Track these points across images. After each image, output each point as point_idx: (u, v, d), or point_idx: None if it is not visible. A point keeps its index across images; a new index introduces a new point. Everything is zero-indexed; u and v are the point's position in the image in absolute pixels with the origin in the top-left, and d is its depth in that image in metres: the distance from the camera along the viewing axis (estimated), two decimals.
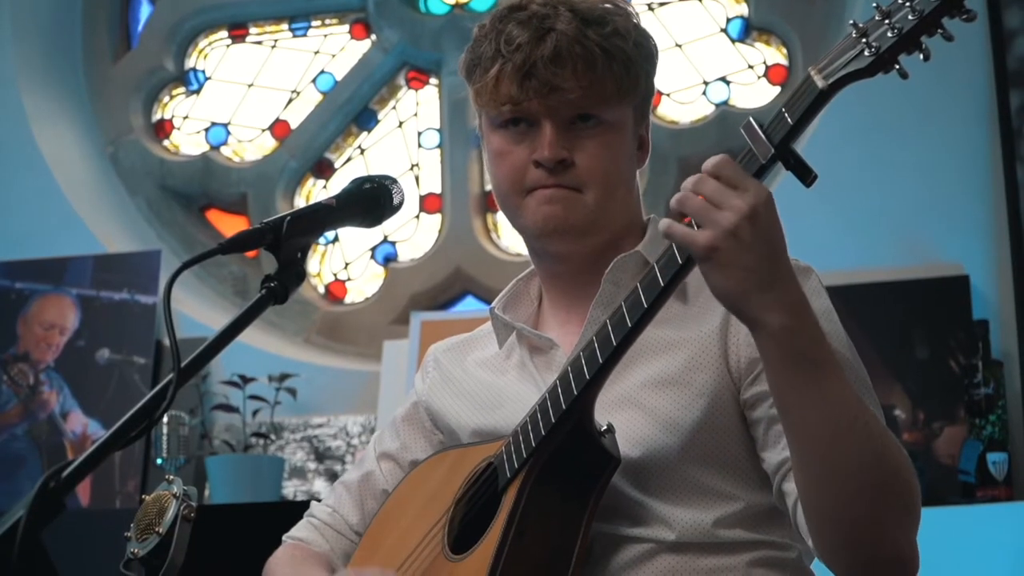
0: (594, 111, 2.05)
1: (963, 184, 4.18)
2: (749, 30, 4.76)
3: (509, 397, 2.09)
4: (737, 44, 4.77)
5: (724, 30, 4.78)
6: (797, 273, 1.95)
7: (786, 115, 1.71)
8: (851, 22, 1.71)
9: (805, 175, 1.73)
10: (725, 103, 4.73)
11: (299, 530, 2.26)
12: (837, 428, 1.74)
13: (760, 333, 1.73)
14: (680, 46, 4.75)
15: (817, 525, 1.82)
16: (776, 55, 4.74)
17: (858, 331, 1.89)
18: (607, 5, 2.08)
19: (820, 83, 1.70)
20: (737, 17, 4.78)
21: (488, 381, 2.16)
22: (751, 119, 1.74)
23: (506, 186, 2.09)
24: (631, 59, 2.06)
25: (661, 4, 4.82)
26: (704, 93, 4.75)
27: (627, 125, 2.10)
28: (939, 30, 1.66)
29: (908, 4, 1.65)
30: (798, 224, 3.94)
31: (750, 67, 4.75)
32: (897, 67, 1.68)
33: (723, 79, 4.76)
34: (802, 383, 1.74)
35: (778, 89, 4.69)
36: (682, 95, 4.70)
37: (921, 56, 1.67)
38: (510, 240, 4.78)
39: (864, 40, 1.68)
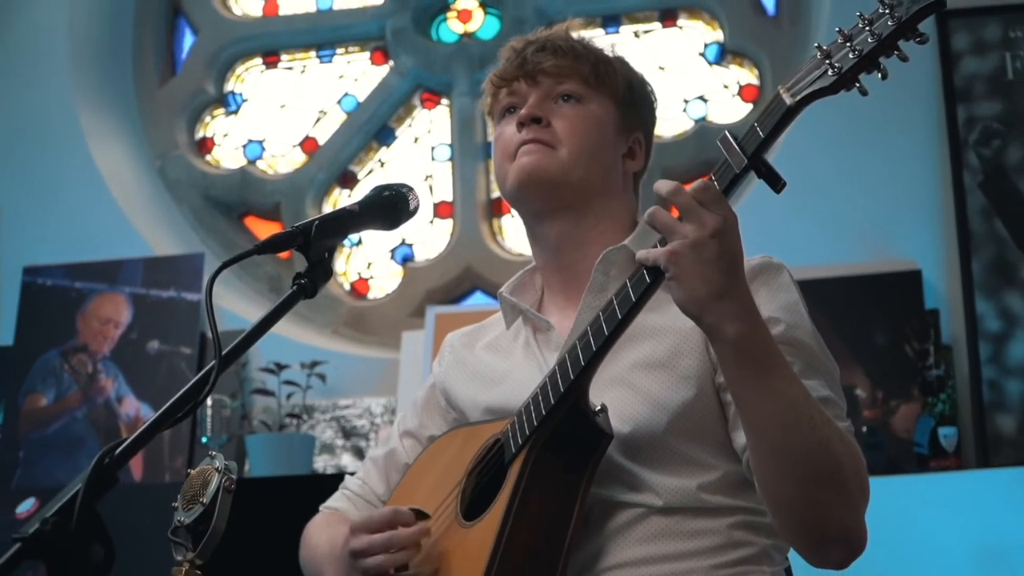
0: (572, 90, 2.10)
1: (916, 189, 4.18)
2: (724, 54, 4.75)
3: (514, 374, 2.09)
4: (714, 66, 4.76)
5: (702, 54, 4.77)
6: (769, 270, 1.96)
7: (758, 129, 1.70)
8: (816, 44, 1.69)
9: (775, 183, 1.71)
10: (703, 119, 4.72)
11: (334, 500, 2.27)
12: (785, 422, 1.73)
13: (717, 340, 1.72)
14: (663, 68, 4.74)
15: (771, 505, 1.81)
16: (748, 76, 4.73)
17: (824, 320, 1.88)
18: (610, 32, 2.16)
19: (788, 100, 1.69)
20: (714, 42, 4.77)
21: (494, 362, 2.16)
22: (727, 132, 1.73)
23: (499, 158, 2.13)
24: (608, 59, 2.14)
25: (646, 32, 4.81)
26: (684, 110, 4.74)
27: (606, 112, 2.12)
28: (895, 51, 1.65)
29: (868, 28, 1.65)
30: (772, 225, 3.98)
31: (725, 87, 4.74)
32: (858, 85, 1.67)
33: (701, 97, 4.75)
34: (754, 383, 1.73)
35: (751, 106, 4.68)
36: (664, 112, 4.68)
37: (879, 75, 1.66)
38: (513, 242, 4.78)
39: (828, 61, 1.67)
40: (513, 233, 4.78)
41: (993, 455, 3.90)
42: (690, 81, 4.75)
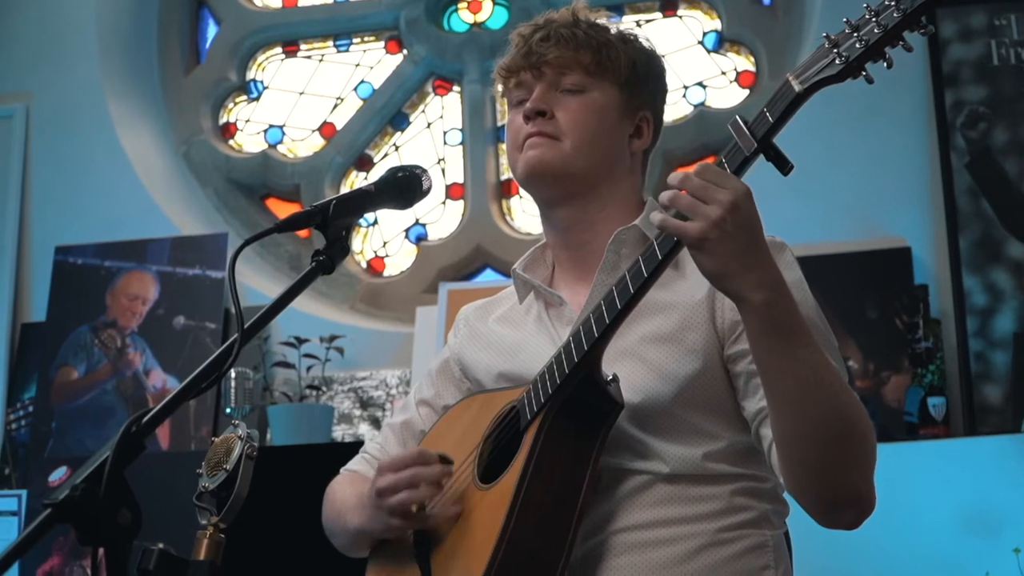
0: (574, 81, 2.06)
1: (906, 170, 4.16)
2: (722, 42, 4.71)
3: (527, 345, 2.08)
4: (712, 54, 4.72)
5: (701, 42, 4.74)
6: (773, 248, 1.92)
7: (767, 114, 1.69)
8: (824, 35, 1.67)
9: (783, 166, 1.70)
10: (702, 104, 4.69)
11: (354, 463, 2.26)
12: (806, 386, 1.71)
13: (744, 307, 1.70)
14: (663, 56, 4.69)
15: (789, 466, 1.79)
16: (745, 63, 4.69)
17: (818, 295, 1.87)
18: (612, 21, 2.11)
19: (797, 87, 1.67)
20: (712, 31, 4.74)
21: (507, 333, 2.14)
22: (737, 117, 1.72)
23: (510, 146, 2.11)
24: (611, 43, 2.09)
25: (647, 21, 4.78)
26: (684, 96, 4.71)
27: (609, 98, 2.07)
28: (900, 42, 1.63)
29: (874, 19, 1.62)
30: (770, 206, 3.90)
31: (723, 73, 4.70)
32: (864, 74, 1.65)
33: (700, 84, 4.71)
34: (778, 349, 1.70)
35: (747, 92, 4.64)
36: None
37: (885, 64, 1.64)
38: (521, 222, 4.76)
39: (836, 50, 1.65)
40: (521, 213, 4.77)
41: (980, 423, 3.89)
42: (689, 68, 4.72)
